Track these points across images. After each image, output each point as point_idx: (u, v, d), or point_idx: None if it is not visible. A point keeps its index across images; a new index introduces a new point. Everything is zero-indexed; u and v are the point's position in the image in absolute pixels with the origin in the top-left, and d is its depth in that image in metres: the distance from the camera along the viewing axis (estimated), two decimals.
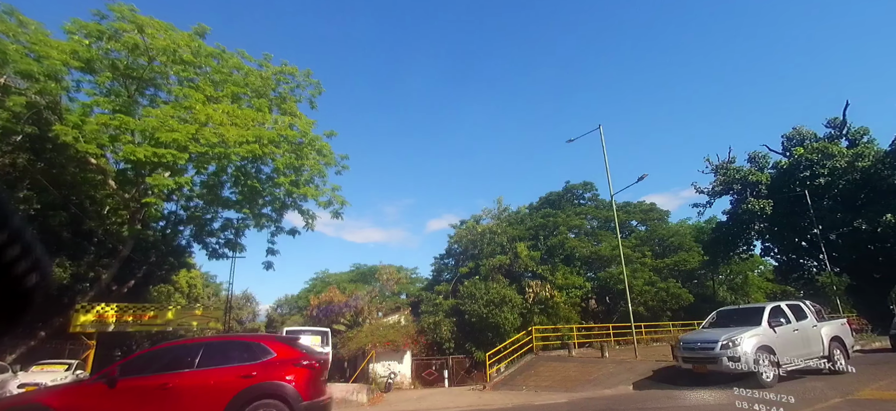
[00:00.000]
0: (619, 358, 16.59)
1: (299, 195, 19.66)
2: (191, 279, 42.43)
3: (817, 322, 12.25)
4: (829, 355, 11.75)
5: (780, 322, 11.50)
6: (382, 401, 14.93)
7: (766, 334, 11.17)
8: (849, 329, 13.15)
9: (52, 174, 18.59)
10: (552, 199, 44.55)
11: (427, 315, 28.92)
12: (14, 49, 14.60)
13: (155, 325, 21.59)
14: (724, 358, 10.53)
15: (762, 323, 11.34)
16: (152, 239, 24.36)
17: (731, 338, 10.88)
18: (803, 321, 12.04)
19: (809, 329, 11.99)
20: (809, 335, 11.89)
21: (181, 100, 16.97)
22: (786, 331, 11.47)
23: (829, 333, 12.18)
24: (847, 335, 12.79)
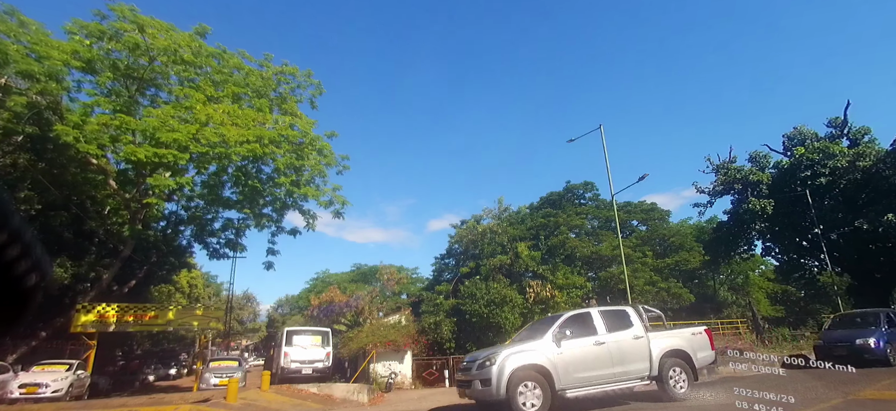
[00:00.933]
0: None
1: (300, 195, 19.67)
2: (191, 279, 42.46)
3: (645, 332, 9.81)
4: (659, 375, 9.42)
5: (569, 334, 9.19)
6: (383, 401, 14.93)
7: (543, 350, 8.94)
8: (706, 340, 10.34)
9: (53, 174, 18.60)
10: (553, 199, 44.56)
11: (428, 315, 28.92)
12: (15, 49, 14.61)
13: (156, 325, 21.58)
14: (476, 382, 8.71)
15: (545, 336, 9.21)
16: (153, 239, 24.35)
17: (489, 356, 9.05)
18: (621, 332, 9.67)
19: (629, 341, 9.57)
20: (626, 349, 9.47)
21: (182, 100, 16.99)
22: (580, 345, 9.20)
23: (665, 346, 9.72)
24: (701, 348, 10.10)
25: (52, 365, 17.09)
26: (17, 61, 14.46)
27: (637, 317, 10.08)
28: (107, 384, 24.29)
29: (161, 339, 45.36)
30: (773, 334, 22.17)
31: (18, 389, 15.06)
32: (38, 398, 15.01)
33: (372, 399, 14.61)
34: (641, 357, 9.58)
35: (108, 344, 26.33)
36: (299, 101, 21.61)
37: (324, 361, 19.21)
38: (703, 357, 10.11)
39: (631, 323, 9.94)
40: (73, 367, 17.09)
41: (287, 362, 18.26)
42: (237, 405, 11.57)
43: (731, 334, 26.74)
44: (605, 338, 9.49)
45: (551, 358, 8.89)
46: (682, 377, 9.65)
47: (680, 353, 9.84)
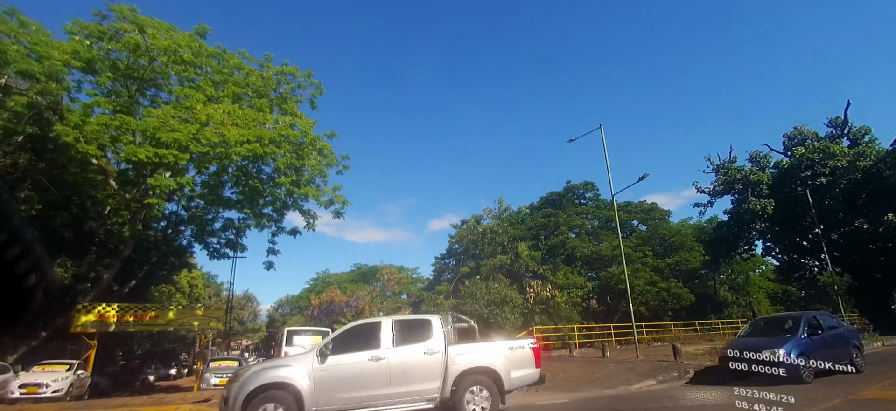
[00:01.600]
0: (621, 358, 16.55)
1: (300, 195, 19.65)
2: (192, 279, 42.48)
3: (444, 346, 8.40)
4: (452, 397, 8.11)
5: (340, 347, 8.06)
6: None
7: (302, 366, 7.81)
8: (527, 356, 8.89)
9: (54, 174, 18.61)
10: (553, 199, 44.59)
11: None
12: (15, 50, 14.60)
13: (156, 325, 21.59)
14: (223, 400, 7.74)
15: (308, 355, 8.09)
16: (153, 239, 24.36)
17: (237, 371, 8.07)
18: (411, 345, 8.34)
19: (418, 357, 8.24)
20: (413, 366, 8.17)
21: (182, 100, 16.98)
22: (350, 361, 7.98)
23: (467, 363, 8.34)
24: (517, 366, 8.67)
25: (53, 365, 17.09)
26: (17, 61, 14.45)
27: (440, 328, 8.61)
28: (107, 384, 24.30)
29: (161, 339, 45.38)
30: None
31: (19, 389, 15.06)
32: (38, 398, 15.01)
33: None
34: (432, 375, 8.18)
35: (108, 344, 26.36)
36: (299, 102, 21.62)
37: None
38: (518, 376, 8.64)
39: (429, 335, 8.49)
40: (73, 367, 17.10)
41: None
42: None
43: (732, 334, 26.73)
44: (387, 353, 8.12)
45: (310, 375, 7.69)
46: (483, 400, 8.20)
47: (486, 372, 8.41)
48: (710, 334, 26.82)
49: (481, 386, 8.27)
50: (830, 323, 12.47)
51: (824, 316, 13.07)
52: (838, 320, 13.65)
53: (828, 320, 12.52)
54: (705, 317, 31.48)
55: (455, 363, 8.29)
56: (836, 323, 12.92)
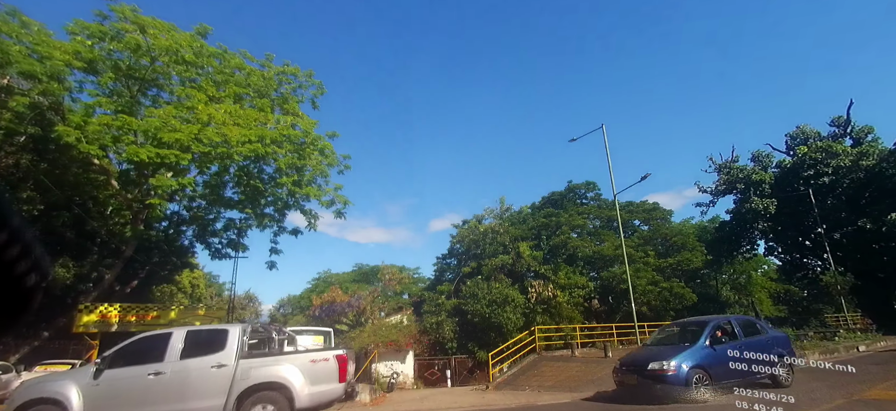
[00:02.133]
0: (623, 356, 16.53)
1: (302, 195, 19.68)
2: (194, 279, 42.55)
3: (236, 358, 7.70)
4: None
5: (119, 361, 7.51)
6: (385, 401, 14.92)
7: (73, 382, 7.39)
8: (329, 369, 7.98)
9: (56, 175, 18.64)
10: (554, 199, 44.50)
11: (429, 315, 28.91)
12: (17, 50, 14.61)
13: (158, 325, 21.59)
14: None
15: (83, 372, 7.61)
16: (155, 239, 24.40)
17: (24, 383, 7.44)
18: (201, 358, 7.67)
19: (203, 371, 7.56)
20: (195, 381, 7.49)
21: (184, 100, 17.01)
22: (128, 376, 7.44)
23: (258, 378, 7.63)
24: (316, 380, 7.82)
25: (55, 365, 17.12)
26: (19, 62, 14.46)
27: (235, 340, 7.85)
28: None
29: None
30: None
31: None
32: None
33: (374, 399, 14.61)
34: (215, 391, 7.44)
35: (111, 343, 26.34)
36: (301, 102, 21.66)
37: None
38: (316, 392, 7.71)
39: (223, 346, 7.77)
40: (74, 367, 17.09)
41: None
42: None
43: None
44: (170, 367, 7.50)
45: (82, 391, 7.16)
46: None
47: (277, 387, 7.64)
48: None
49: (268, 403, 7.53)
50: (751, 329, 11.00)
51: (744, 320, 11.58)
52: (765, 325, 12.10)
53: (748, 326, 11.01)
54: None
55: (244, 378, 7.58)
56: (759, 329, 11.37)
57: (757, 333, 10.91)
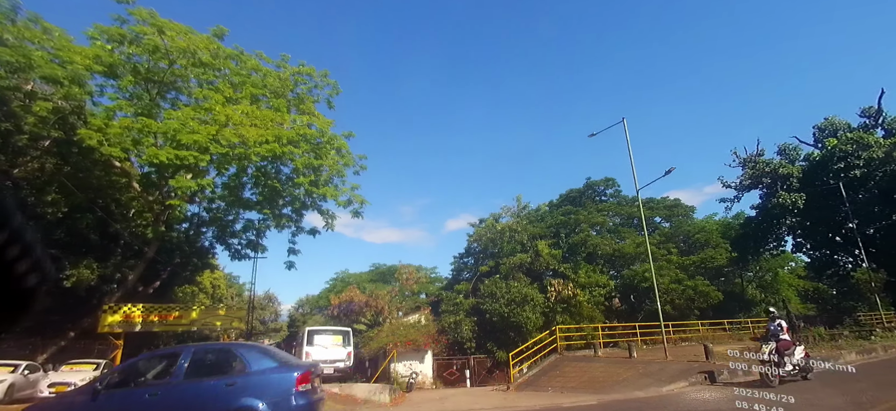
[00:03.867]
0: (648, 358, 16.04)
1: (319, 195, 19.64)
2: (214, 280, 43.09)
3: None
4: None
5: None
6: (405, 401, 14.73)
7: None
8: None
9: (79, 178, 18.96)
10: (573, 197, 43.84)
11: (447, 314, 28.73)
12: (39, 55, 14.90)
13: (180, 325, 21.86)
14: None
15: None
16: (176, 240, 24.75)
17: None
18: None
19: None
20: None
21: (202, 102, 17.12)
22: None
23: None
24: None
25: (80, 365, 17.39)
26: (41, 66, 14.72)
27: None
28: None
29: (187, 339, 46.09)
30: (808, 332, 21.22)
31: (48, 388, 15.30)
32: None
33: (394, 399, 14.43)
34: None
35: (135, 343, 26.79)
36: (316, 102, 21.64)
37: (345, 361, 19.13)
38: None
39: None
40: (99, 367, 17.32)
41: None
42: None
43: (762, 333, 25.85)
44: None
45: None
46: None
47: None
48: (739, 333, 25.89)
49: None
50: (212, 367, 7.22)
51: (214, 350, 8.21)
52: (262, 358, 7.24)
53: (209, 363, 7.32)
54: (733, 316, 30.44)
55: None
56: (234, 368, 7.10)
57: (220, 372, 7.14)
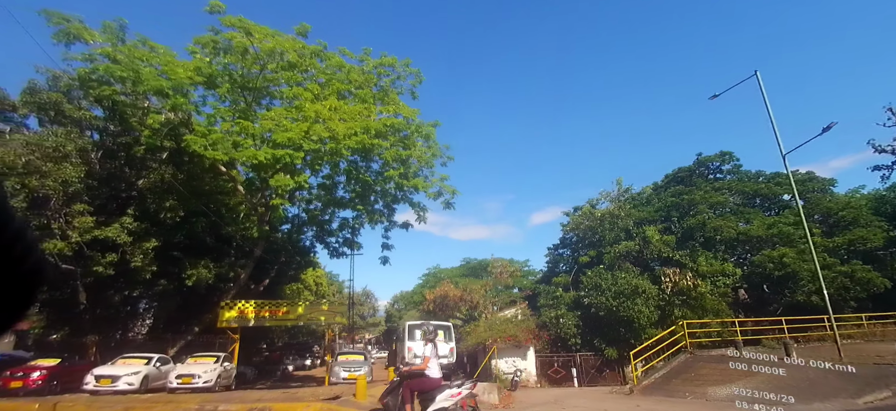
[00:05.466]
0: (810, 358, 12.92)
1: (409, 187, 19.11)
2: (317, 277, 45.23)
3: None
4: None
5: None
6: (514, 402, 13.44)
7: None
8: None
9: (192, 185, 20.56)
10: (681, 176, 39.01)
11: (547, 309, 26.92)
12: (147, 71, 16.17)
13: (288, 320, 22.86)
14: None
15: None
16: (280, 241, 26.13)
17: None
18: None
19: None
20: None
21: (292, 103, 17.45)
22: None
23: None
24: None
25: (203, 358, 18.55)
26: (148, 80, 15.95)
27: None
28: (252, 374, 26.43)
29: (296, 333, 49.38)
30: None
31: (176, 379, 16.42)
32: (192, 388, 16.21)
33: (502, 399, 13.20)
34: None
35: (252, 337, 28.87)
36: (400, 93, 21.21)
37: (448, 357, 18.32)
38: None
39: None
40: (220, 359, 18.35)
41: (411, 357, 17.66)
42: (367, 403, 11.00)
43: None
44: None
45: None
46: None
47: None
48: None
49: None
50: None
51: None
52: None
53: None
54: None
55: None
56: None
57: None
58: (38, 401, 12.73)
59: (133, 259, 18.25)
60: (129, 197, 20.30)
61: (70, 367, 17.60)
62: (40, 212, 17.05)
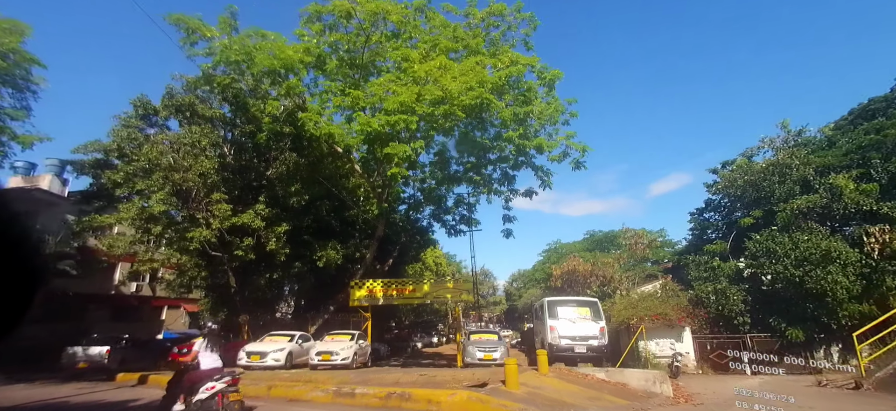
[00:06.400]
0: None
1: (531, 149, 16.96)
2: (436, 258, 45.70)
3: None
4: None
5: None
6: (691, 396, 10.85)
7: None
8: None
9: (314, 170, 21.19)
10: (874, 108, 30.35)
11: (700, 282, 22.90)
12: (260, 56, 16.60)
13: (415, 298, 22.70)
14: None
15: None
16: (401, 222, 26.36)
17: None
18: None
19: None
20: None
21: (400, 66, 16.53)
22: None
23: None
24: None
25: (340, 335, 19.09)
26: (260, 62, 16.43)
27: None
28: (386, 350, 27.20)
29: (421, 312, 50.83)
30: None
31: (316, 356, 16.95)
32: (332, 364, 16.58)
33: (677, 390, 10.74)
34: None
35: (381, 315, 29.75)
36: (512, 45, 19.07)
37: (598, 338, 16.00)
38: None
39: None
40: (355, 337, 18.67)
41: (554, 338, 15.73)
42: (520, 394, 9.54)
43: None
44: None
45: None
46: None
47: None
48: None
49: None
50: None
51: None
52: None
53: None
54: None
55: None
56: None
57: None
58: None
59: (268, 242, 19.34)
60: (260, 185, 21.58)
61: (227, 344, 19.40)
62: (186, 205, 18.95)
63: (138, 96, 20.36)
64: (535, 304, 20.38)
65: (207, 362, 7.50)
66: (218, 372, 7.45)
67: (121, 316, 27.59)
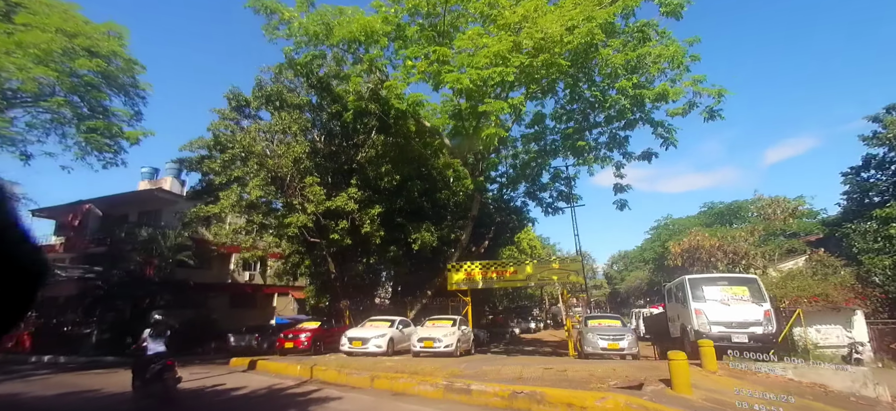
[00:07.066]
0: None
1: (650, 99, 14.00)
2: (530, 241, 43.43)
3: None
4: None
5: None
6: None
7: None
8: None
9: (401, 149, 20.52)
10: None
11: (871, 255, 18.50)
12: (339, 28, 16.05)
13: (517, 281, 21.13)
14: None
15: None
16: (493, 203, 25.15)
17: None
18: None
19: None
20: None
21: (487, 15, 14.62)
22: None
23: None
24: None
25: (441, 321, 18.12)
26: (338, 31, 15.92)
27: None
28: (485, 336, 26.01)
29: (515, 297, 48.94)
30: None
31: (418, 343, 16.14)
32: (434, 352, 15.64)
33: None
34: None
35: (478, 301, 28.61)
36: None
37: (763, 324, 12.72)
38: None
39: None
40: (456, 323, 17.61)
41: (702, 324, 12.92)
42: (697, 401, 7.40)
43: None
44: None
45: None
46: None
47: None
48: None
49: None
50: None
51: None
52: None
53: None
54: None
55: None
56: None
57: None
58: (300, 363, 13.54)
59: (362, 225, 18.99)
60: (351, 170, 21.30)
61: (330, 330, 19.66)
62: (283, 192, 19.22)
63: (230, 89, 20.84)
64: (671, 285, 17.36)
65: (153, 348, 8.63)
66: (163, 356, 8.55)
67: (237, 303, 29.64)
